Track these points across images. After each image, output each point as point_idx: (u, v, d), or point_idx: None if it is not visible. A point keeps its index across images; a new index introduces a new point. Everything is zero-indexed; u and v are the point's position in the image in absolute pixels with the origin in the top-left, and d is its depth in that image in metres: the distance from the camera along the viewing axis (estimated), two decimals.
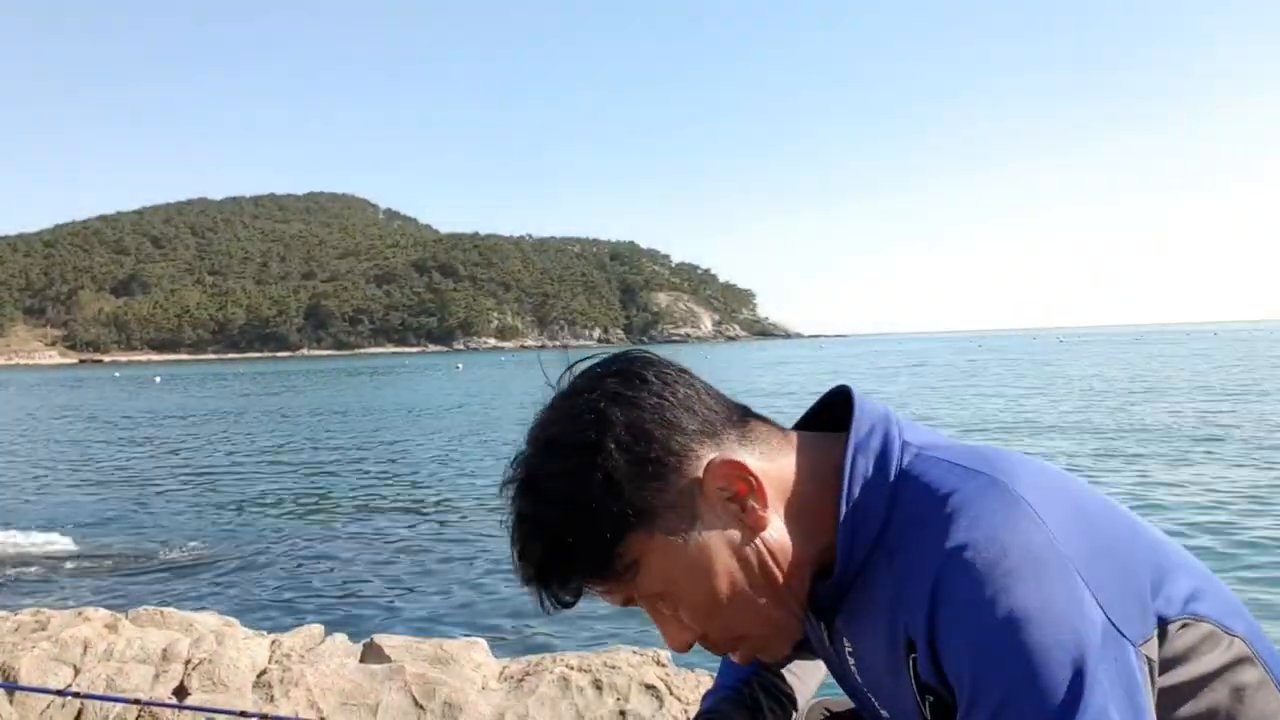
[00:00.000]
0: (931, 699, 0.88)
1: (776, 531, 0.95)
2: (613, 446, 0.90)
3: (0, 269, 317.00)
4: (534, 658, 3.82)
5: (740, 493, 0.93)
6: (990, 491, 0.88)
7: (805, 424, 1.11)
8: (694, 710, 3.28)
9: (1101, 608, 0.82)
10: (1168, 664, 0.89)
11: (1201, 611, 0.92)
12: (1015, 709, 0.78)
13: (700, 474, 0.93)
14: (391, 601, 8.34)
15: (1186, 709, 0.91)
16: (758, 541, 0.94)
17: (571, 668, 3.60)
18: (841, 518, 0.95)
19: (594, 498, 0.90)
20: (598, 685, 3.44)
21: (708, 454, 0.93)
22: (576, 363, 1.02)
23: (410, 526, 11.81)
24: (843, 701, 1.37)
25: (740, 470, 0.93)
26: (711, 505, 0.93)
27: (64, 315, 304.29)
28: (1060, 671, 0.78)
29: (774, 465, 0.97)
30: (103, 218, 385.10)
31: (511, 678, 3.62)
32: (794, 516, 0.97)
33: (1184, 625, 0.90)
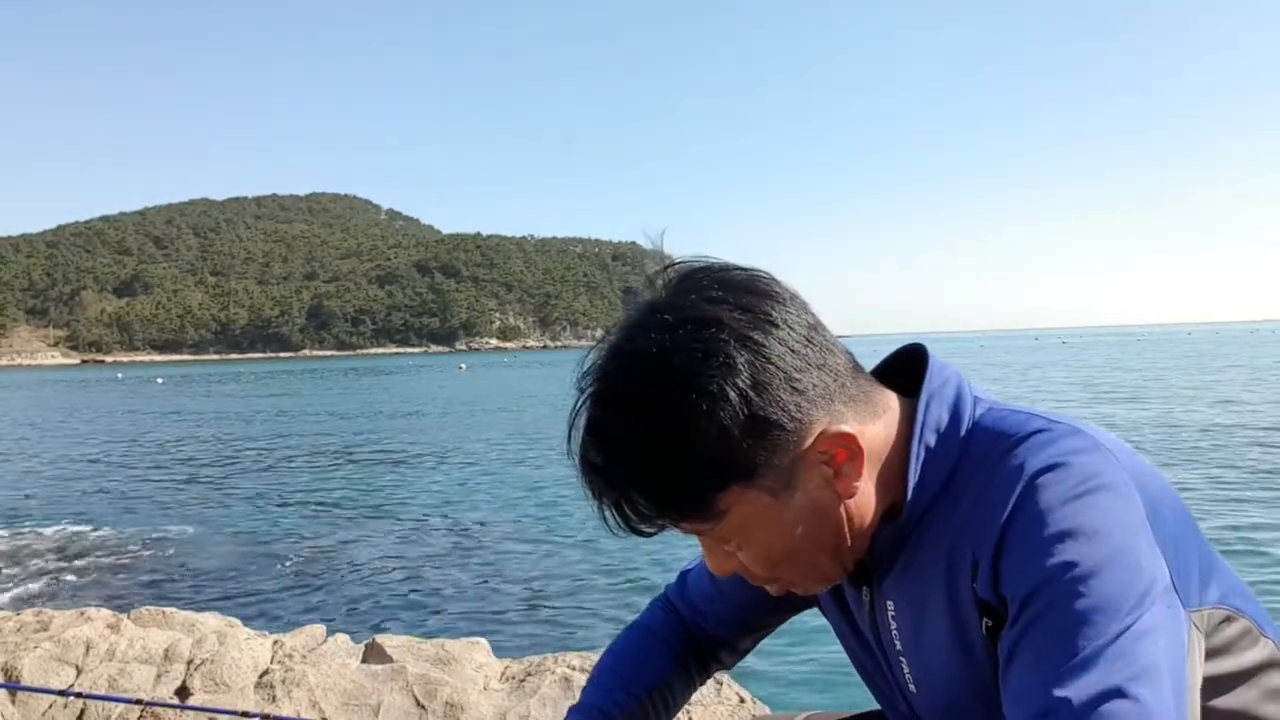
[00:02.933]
0: (989, 622, 0.88)
1: (862, 497, 0.94)
2: (735, 398, 0.85)
3: (3, 269, 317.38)
4: (536, 658, 3.82)
5: (839, 460, 0.91)
6: (1076, 435, 0.89)
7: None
8: (695, 711, 3.29)
9: (1167, 564, 0.84)
10: (1213, 652, 0.90)
11: (1242, 607, 0.94)
12: (1068, 611, 0.78)
13: (810, 442, 0.89)
14: (393, 601, 8.34)
15: (1221, 701, 0.92)
16: (841, 508, 0.93)
17: (573, 668, 3.60)
18: (911, 463, 0.94)
19: (706, 447, 0.85)
20: None
21: (821, 422, 0.89)
22: (675, 264, 0.95)
23: (412, 527, 11.82)
24: (829, 715, 1.35)
25: (848, 441, 0.90)
26: (809, 468, 0.90)
27: (66, 316, 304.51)
28: (1121, 589, 0.79)
29: (870, 429, 0.94)
30: (105, 218, 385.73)
31: (513, 678, 3.62)
32: (877, 478, 0.95)
33: (1228, 617, 0.91)
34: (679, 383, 0.85)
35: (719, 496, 0.88)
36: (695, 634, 1.32)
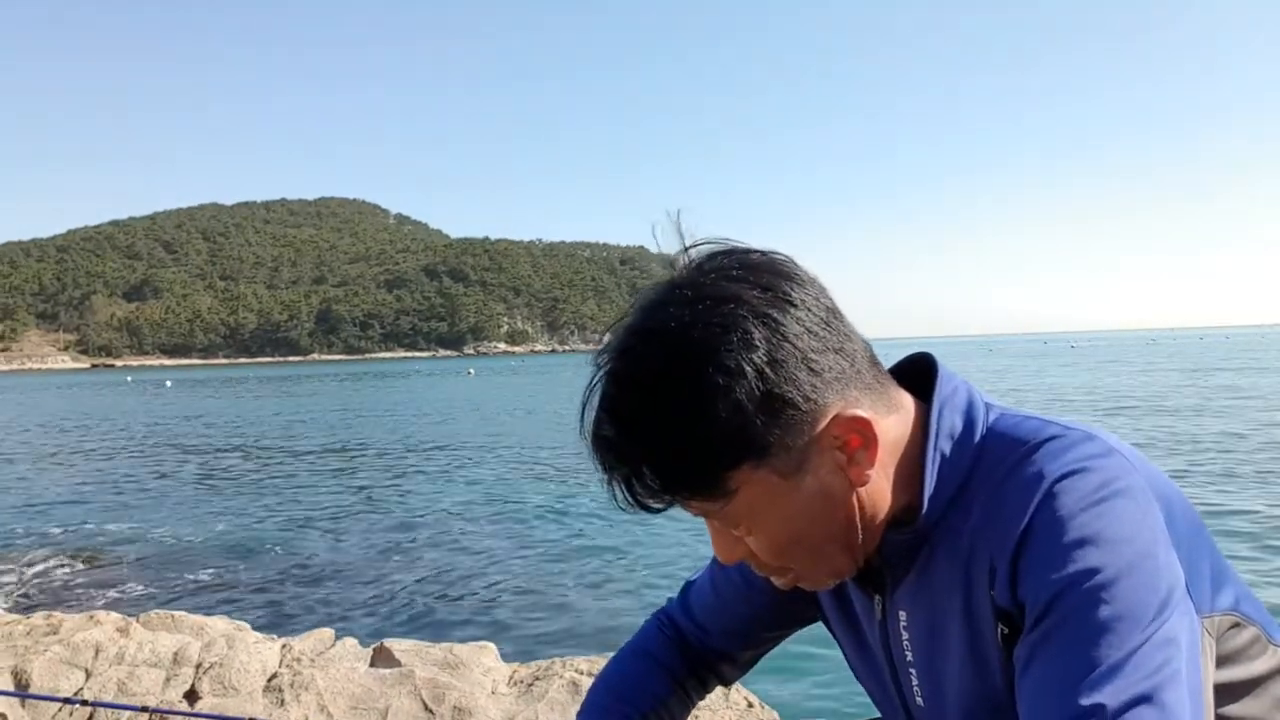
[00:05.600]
0: (1004, 629, 0.88)
1: (875, 488, 0.93)
2: (753, 375, 0.84)
3: (14, 274, 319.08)
4: (544, 662, 3.81)
5: (852, 446, 0.90)
6: (1091, 440, 0.89)
7: None
8: (704, 715, 3.28)
9: (1182, 569, 0.84)
10: (1223, 659, 0.90)
11: (1251, 614, 0.94)
12: (1091, 618, 0.78)
13: (824, 425, 0.88)
14: (401, 605, 8.34)
15: (1231, 709, 0.92)
16: (853, 496, 0.92)
17: (581, 672, 3.59)
18: (927, 469, 0.94)
19: (720, 422, 0.84)
20: None
21: (836, 406, 0.89)
22: (697, 245, 0.94)
23: (420, 531, 11.82)
24: None
25: (863, 426, 0.90)
26: (822, 452, 0.89)
27: (76, 320, 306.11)
28: (1142, 597, 0.79)
29: (885, 421, 0.93)
30: (115, 223, 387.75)
31: (521, 682, 3.62)
32: (890, 473, 0.95)
33: (1237, 624, 0.92)
34: (696, 356, 0.84)
35: (730, 474, 0.88)
36: (696, 649, 1.30)
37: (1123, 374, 44.63)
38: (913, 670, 1.02)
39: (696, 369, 0.84)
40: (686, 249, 0.94)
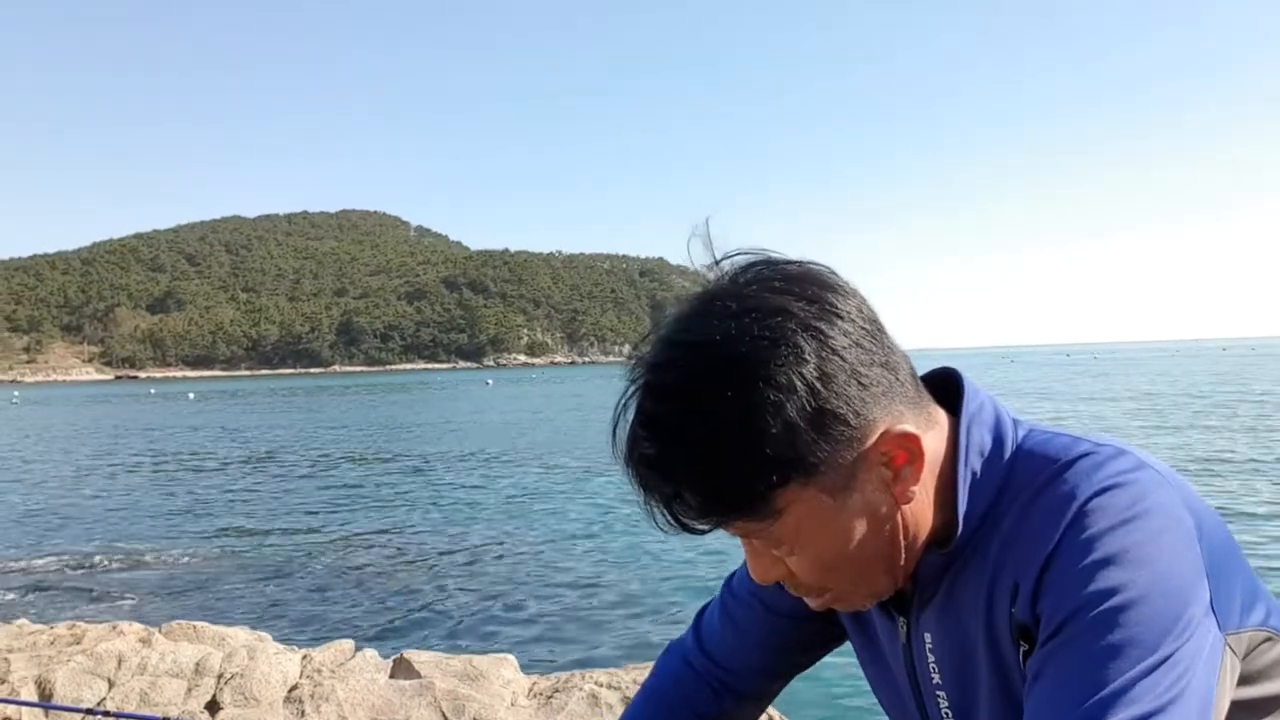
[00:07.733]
0: (1025, 646, 0.86)
1: (919, 505, 0.91)
2: (804, 390, 0.81)
3: (39, 286, 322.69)
4: (563, 674, 3.81)
5: (898, 462, 0.87)
6: (1123, 456, 0.88)
7: None
8: None
9: (1209, 586, 0.82)
10: (1253, 677, 0.89)
11: None
12: (1103, 639, 0.77)
13: (873, 441, 0.86)
14: (422, 617, 8.36)
15: None
16: (898, 515, 0.90)
17: (601, 684, 3.58)
18: (960, 488, 0.92)
19: (770, 440, 0.81)
20: (627, 702, 3.43)
21: (884, 421, 0.86)
22: (730, 256, 0.91)
23: (441, 542, 11.85)
24: None
25: (910, 442, 0.87)
26: (869, 469, 0.87)
27: (101, 332, 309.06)
28: (1160, 619, 0.77)
29: (927, 436, 0.91)
30: (139, 235, 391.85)
31: (541, 694, 3.62)
32: (930, 490, 0.92)
33: (1269, 639, 0.90)
34: (746, 371, 0.81)
35: (778, 493, 0.84)
36: (717, 689, 1.24)
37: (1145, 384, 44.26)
38: (940, 694, 0.99)
39: (747, 384, 0.81)
40: (718, 261, 0.91)
